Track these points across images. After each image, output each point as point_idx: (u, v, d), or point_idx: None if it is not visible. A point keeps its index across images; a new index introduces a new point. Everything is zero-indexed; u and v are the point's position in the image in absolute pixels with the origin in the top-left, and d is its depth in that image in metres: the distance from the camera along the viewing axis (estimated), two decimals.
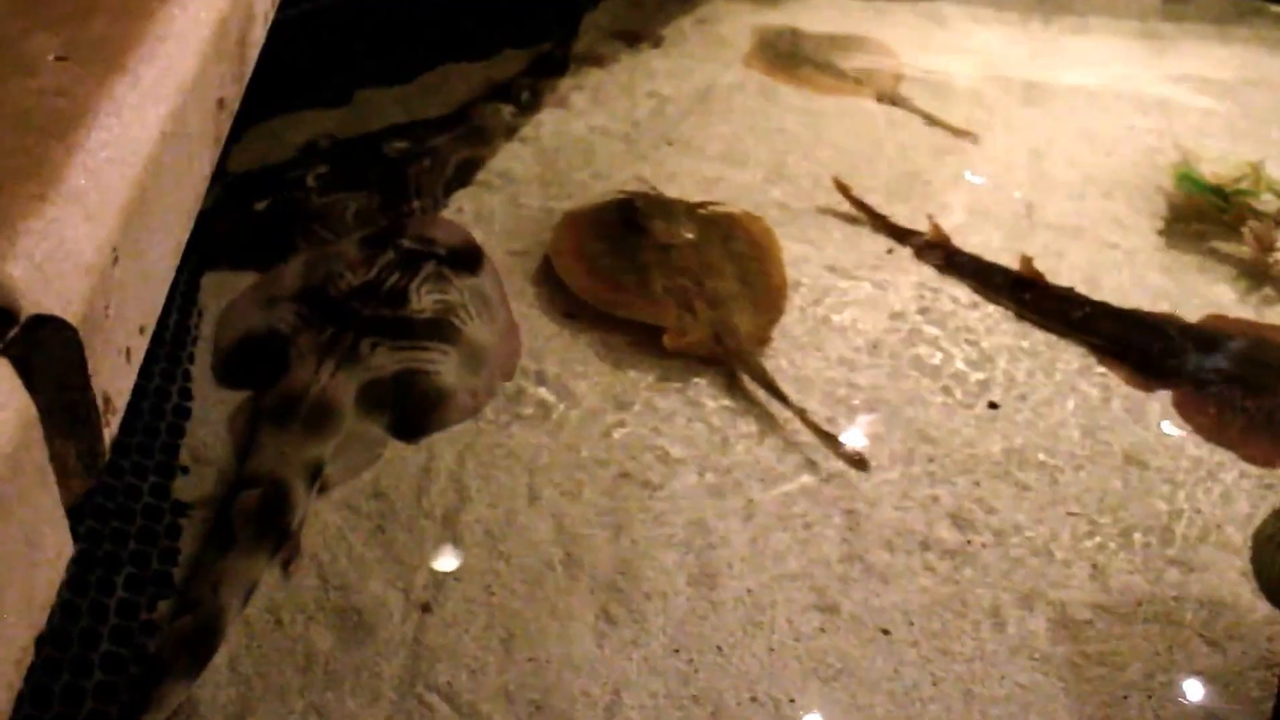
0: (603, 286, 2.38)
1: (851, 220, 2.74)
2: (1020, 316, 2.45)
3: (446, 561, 1.80)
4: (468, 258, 2.41)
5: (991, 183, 2.95)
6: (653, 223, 2.53)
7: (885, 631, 1.75)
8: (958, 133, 3.14)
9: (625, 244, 2.48)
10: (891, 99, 3.27)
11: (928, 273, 2.57)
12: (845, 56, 3.49)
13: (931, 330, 2.40)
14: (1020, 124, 3.24)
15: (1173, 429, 2.19)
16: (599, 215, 2.60)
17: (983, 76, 3.47)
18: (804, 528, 1.92)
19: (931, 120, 3.19)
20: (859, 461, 2.05)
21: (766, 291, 2.44)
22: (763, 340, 2.30)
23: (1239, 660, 1.76)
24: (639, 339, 2.29)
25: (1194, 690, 1.71)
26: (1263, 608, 1.81)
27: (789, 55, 3.50)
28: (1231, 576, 1.90)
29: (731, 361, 2.23)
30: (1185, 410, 2.23)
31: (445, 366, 2.12)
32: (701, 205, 2.68)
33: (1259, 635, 1.80)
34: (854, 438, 2.11)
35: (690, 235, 2.52)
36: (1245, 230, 2.68)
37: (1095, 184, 2.97)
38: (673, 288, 2.37)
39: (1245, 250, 2.67)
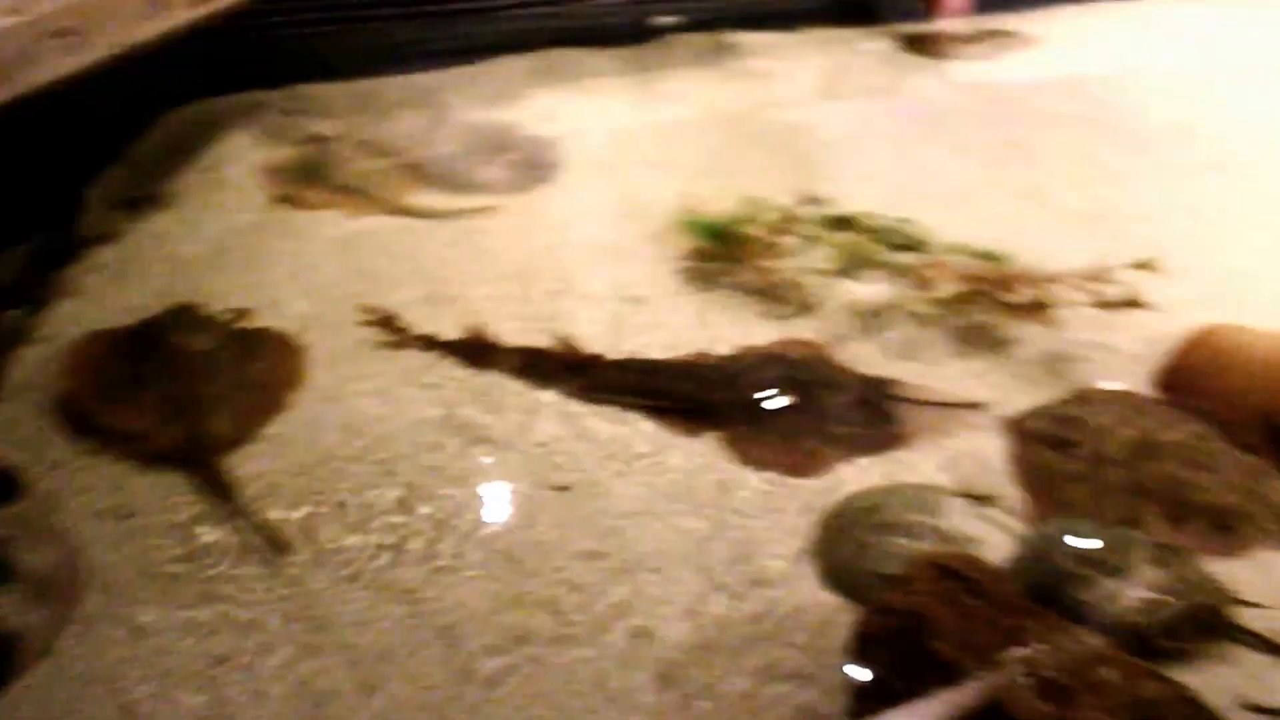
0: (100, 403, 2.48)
1: (395, 341, 2.82)
2: (570, 395, 2.61)
3: None
4: (3, 486, 2.34)
5: (519, 268, 3.13)
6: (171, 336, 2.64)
7: None
8: (480, 210, 3.36)
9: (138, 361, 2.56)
10: (403, 210, 3.41)
11: (471, 377, 2.70)
12: (365, 166, 3.63)
13: (486, 423, 2.54)
14: (536, 202, 3.47)
15: (728, 463, 2.43)
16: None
17: None
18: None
19: (448, 215, 3.37)
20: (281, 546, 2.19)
21: (265, 392, 2.56)
22: (238, 440, 2.43)
23: (820, 651, 2.02)
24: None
25: (789, 695, 1.93)
26: (833, 599, 2.10)
27: (309, 179, 3.59)
28: (804, 585, 2.15)
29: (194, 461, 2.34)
30: (735, 443, 2.48)
31: (8, 610, 2.06)
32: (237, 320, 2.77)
33: (836, 624, 2.06)
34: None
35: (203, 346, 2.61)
36: (753, 261, 3.02)
37: (616, 247, 3.22)
38: (160, 397, 2.47)
39: (755, 278, 3.00)
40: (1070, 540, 2.16)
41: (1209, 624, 2.05)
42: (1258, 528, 2.30)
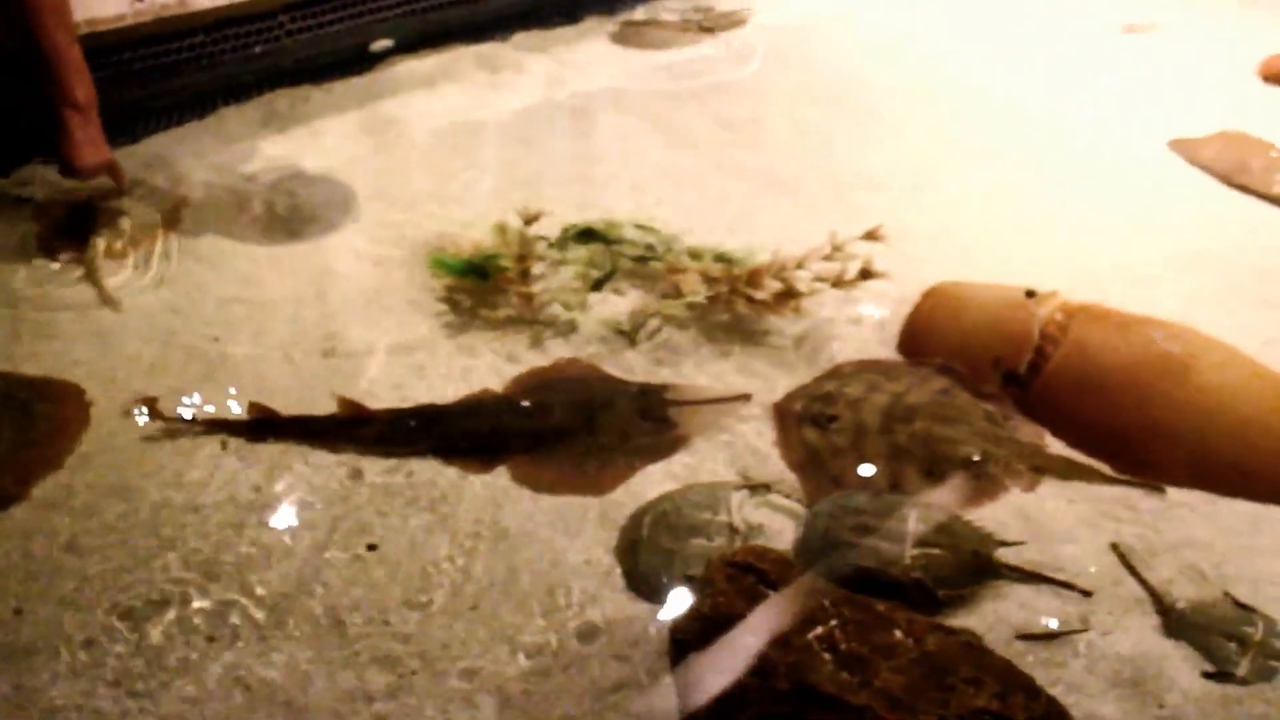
0: None
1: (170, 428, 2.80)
2: (361, 453, 2.68)
3: None
4: None
5: (286, 328, 3.14)
6: None
7: None
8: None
9: None
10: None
11: (258, 449, 2.71)
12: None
13: (277, 493, 2.58)
14: (291, 257, 3.49)
15: (525, 492, 2.56)
16: None
17: None
18: None
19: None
20: None
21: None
22: None
23: (643, 658, 2.18)
24: None
25: (623, 703, 2.09)
26: (648, 607, 2.28)
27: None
28: (619, 598, 2.31)
29: None
30: (527, 471, 2.61)
31: None
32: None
33: (645, 627, 2.24)
34: None
35: None
36: (506, 288, 3.15)
37: (379, 293, 3.28)
38: None
39: (516, 306, 3.12)
40: (844, 513, 2.38)
41: (978, 568, 2.30)
42: (1006, 469, 2.57)
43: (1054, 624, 2.23)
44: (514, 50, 4.97)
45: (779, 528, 2.44)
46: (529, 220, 3.23)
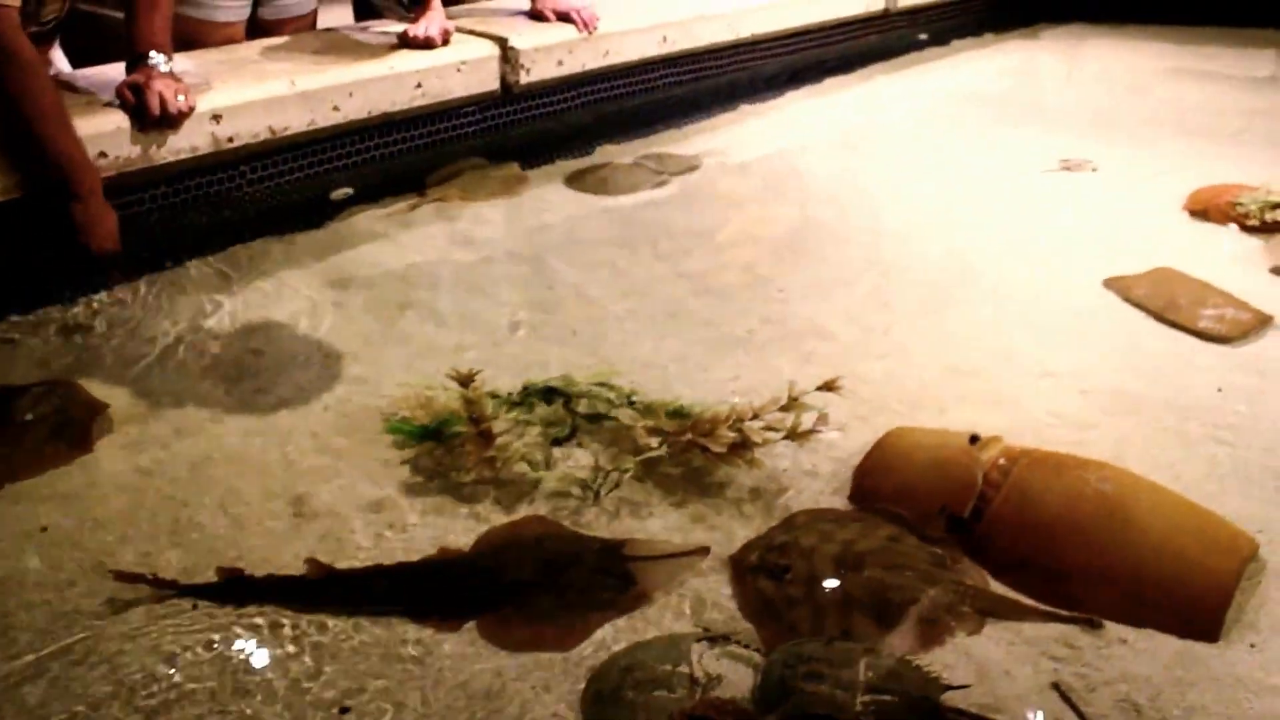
0: None
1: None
2: (332, 614, 2.80)
3: None
4: None
5: (256, 494, 3.27)
6: None
7: None
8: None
9: None
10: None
11: (228, 616, 2.82)
12: None
13: (245, 654, 2.70)
14: (259, 423, 3.62)
15: (493, 651, 2.70)
16: None
17: None
18: None
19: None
20: None
21: None
22: None
23: None
24: None
25: None
26: None
27: None
28: None
29: None
30: (494, 631, 2.76)
31: None
32: None
33: None
34: None
35: None
36: (468, 450, 3.31)
37: (343, 457, 3.41)
38: None
39: (477, 466, 3.26)
40: (798, 661, 2.57)
41: (926, 713, 2.48)
42: (952, 612, 2.77)
43: None
44: (475, 188, 5.19)
45: (738, 678, 2.60)
46: (463, 382, 3.41)
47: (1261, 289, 4.44)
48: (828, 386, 3.40)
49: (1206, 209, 5.15)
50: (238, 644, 2.75)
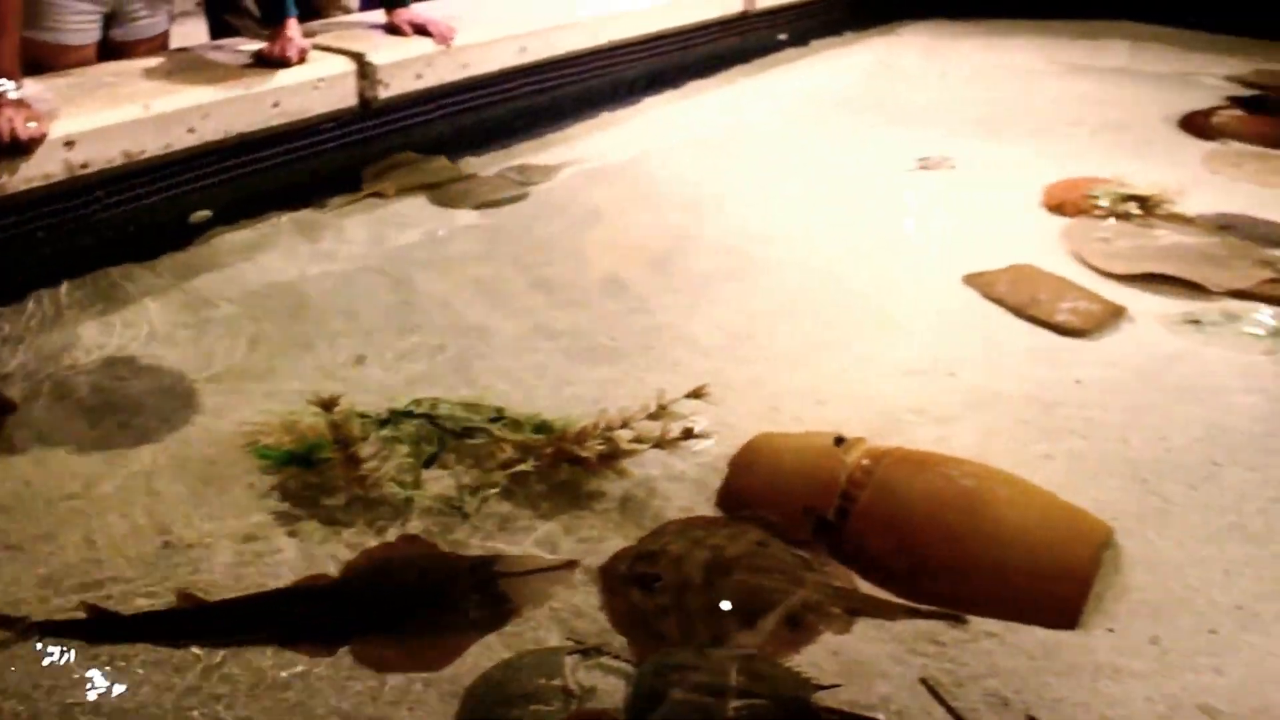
0: None
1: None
2: (206, 645, 2.79)
3: None
4: None
5: (116, 530, 3.22)
6: None
7: None
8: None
9: None
10: None
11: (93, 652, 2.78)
12: None
13: (137, 693, 2.67)
14: (121, 458, 3.56)
15: (368, 673, 2.71)
16: None
17: None
18: None
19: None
20: None
21: None
22: None
23: None
24: None
25: None
26: None
27: None
28: None
29: None
30: (368, 653, 2.77)
31: None
32: None
33: None
34: None
35: None
36: (336, 473, 3.32)
37: (211, 484, 3.38)
38: None
39: (347, 488, 3.28)
40: (670, 670, 2.62)
41: (798, 713, 2.55)
42: (821, 613, 2.85)
43: None
44: (333, 215, 5.20)
45: (611, 689, 2.64)
46: (326, 406, 3.39)
47: (1114, 282, 4.61)
48: (695, 394, 3.46)
49: (1062, 204, 5.31)
50: (103, 681, 2.71)
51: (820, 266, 4.75)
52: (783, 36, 7.88)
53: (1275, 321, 4.24)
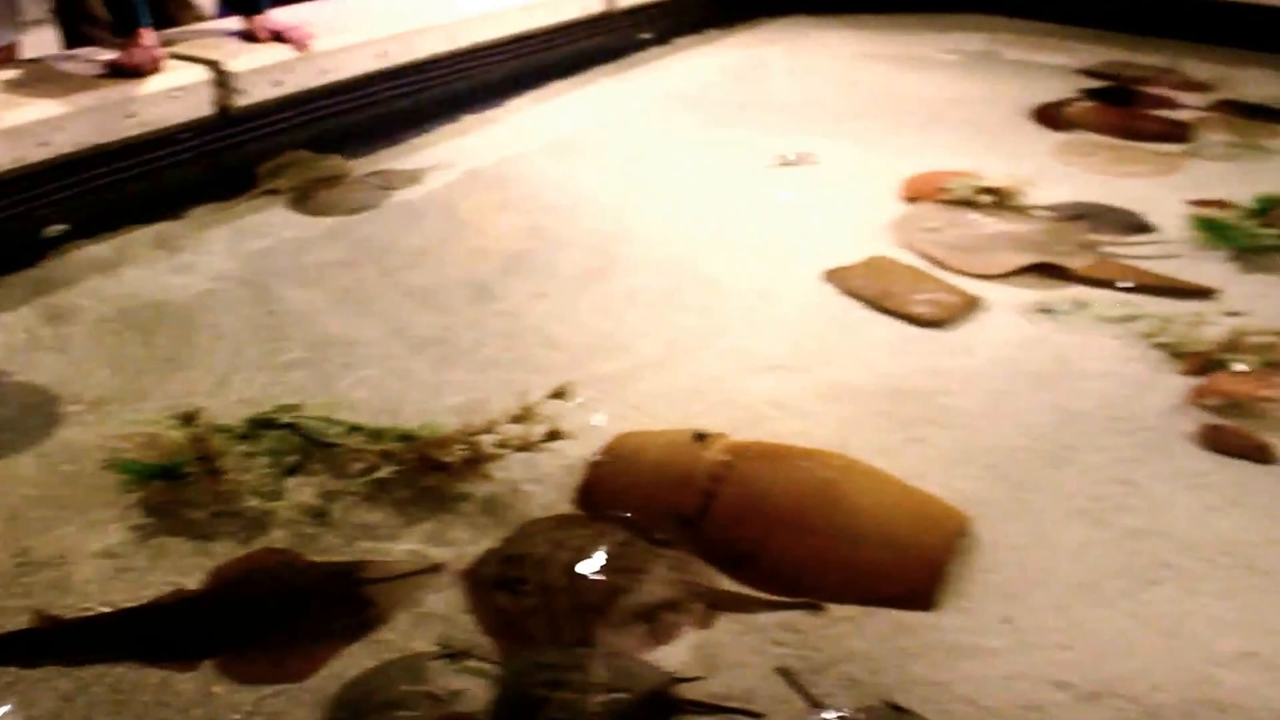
0: None
1: None
2: (65, 666, 2.76)
3: None
4: None
5: None
6: None
7: None
8: None
9: None
10: None
11: None
12: None
13: None
14: None
15: (231, 685, 2.71)
16: None
17: None
18: None
19: None
20: None
21: None
22: None
23: None
24: None
25: None
26: None
27: None
28: None
29: None
30: (231, 667, 2.77)
31: None
32: None
33: None
34: None
35: None
36: (198, 487, 3.31)
37: (69, 502, 3.34)
38: None
39: (210, 502, 3.27)
40: (535, 670, 2.67)
41: (661, 707, 2.62)
42: (683, 609, 2.91)
43: None
44: (192, 227, 5.15)
45: (478, 692, 2.68)
46: (186, 419, 3.41)
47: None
48: (558, 395, 3.51)
49: (919, 197, 5.45)
50: None
51: (682, 265, 4.82)
52: (646, 35, 7.93)
53: (1124, 308, 4.39)
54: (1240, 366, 3.94)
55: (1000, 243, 4.88)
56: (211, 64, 5.39)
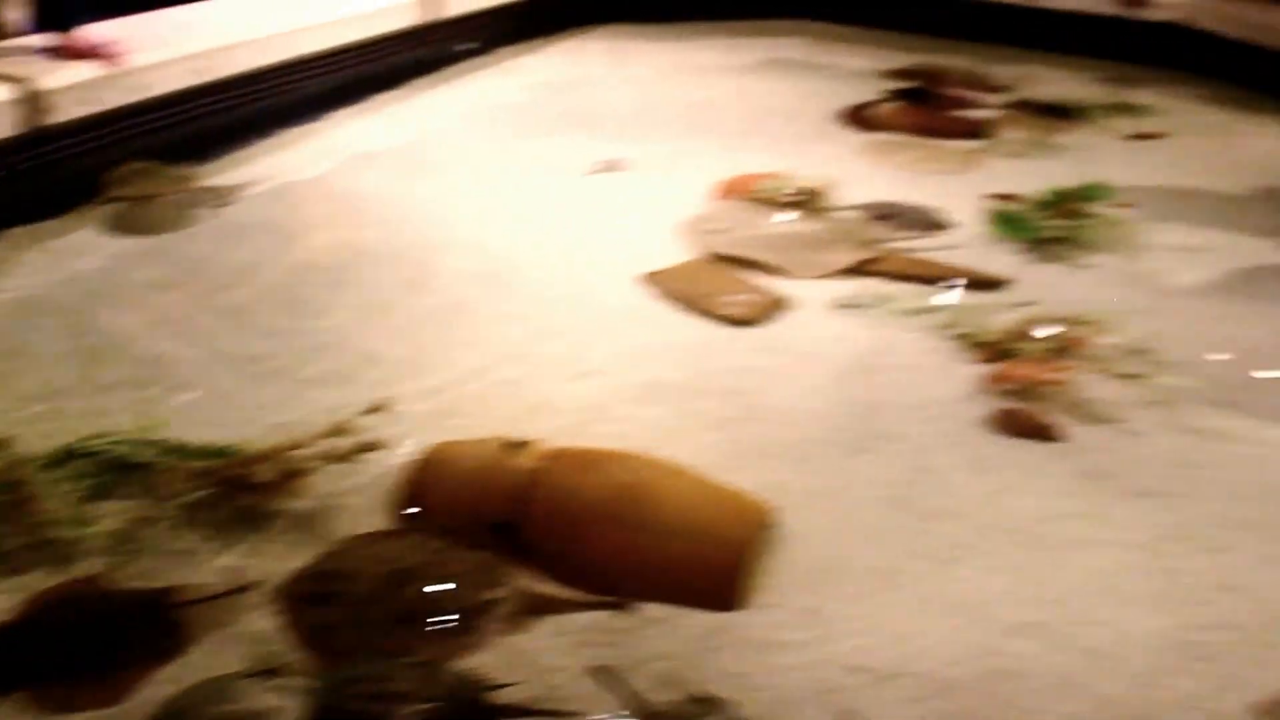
0: None
1: None
2: None
3: None
4: None
5: None
6: None
7: None
8: None
9: None
10: None
11: None
12: None
13: None
14: None
15: (41, 717, 2.69)
16: None
17: None
18: None
19: None
20: None
21: None
22: None
23: None
24: None
25: None
26: None
27: None
28: None
29: None
30: (39, 700, 2.73)
31: None
32: None
33: None
34: None
35: None
36: (10, 515, 3.25)
37: None
38: None
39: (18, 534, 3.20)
40: (347, 684, 2.69)
41: (476, 714, 2.66)
42: (499, 615, 2.96)
43: None
44: (4, 249, 5.04)
45: (291, 709, 2.69)
46: None
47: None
48: (374, 408, 3.53)
49: (730, 199, 5.57)
50: None
51: (500, 273, 4.87)
52: (467, 46, 7.95)
53: (923, 301, 4.58)
54: (1029, 353, 4.11)
55: (803, 242, 5.03)
56: (19, 81, 5.27)
